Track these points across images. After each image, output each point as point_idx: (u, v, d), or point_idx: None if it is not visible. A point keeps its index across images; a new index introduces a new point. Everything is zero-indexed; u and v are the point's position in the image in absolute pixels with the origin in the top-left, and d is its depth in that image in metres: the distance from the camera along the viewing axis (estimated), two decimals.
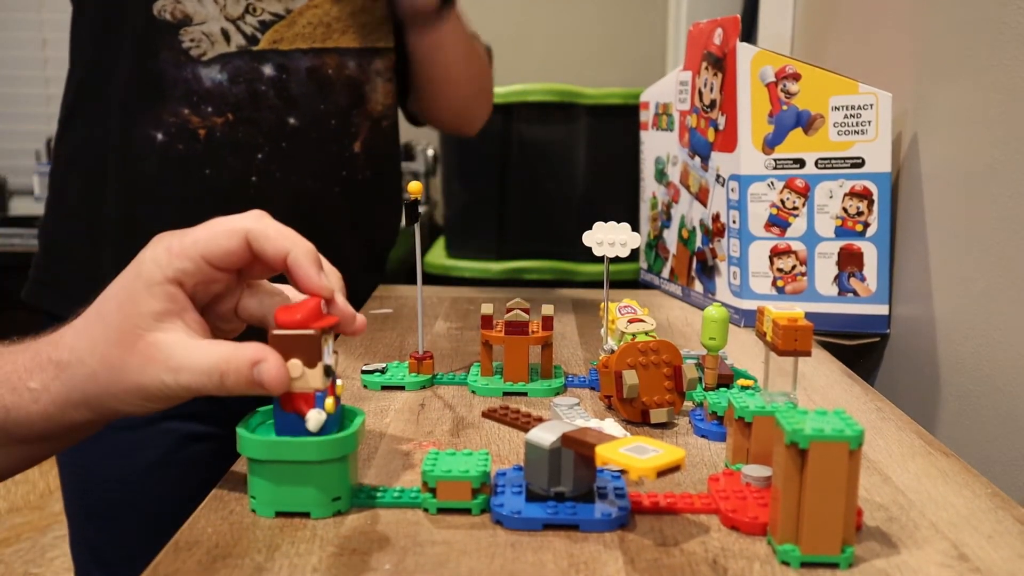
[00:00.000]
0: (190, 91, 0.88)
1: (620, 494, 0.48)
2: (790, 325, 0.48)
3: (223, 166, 0.89)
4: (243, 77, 0.89)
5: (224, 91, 0.88)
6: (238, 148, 0.89)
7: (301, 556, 0.43)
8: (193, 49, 0.87)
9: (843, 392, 0.71)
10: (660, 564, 0.42)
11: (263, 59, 0.89)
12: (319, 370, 0.46)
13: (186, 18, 0.87)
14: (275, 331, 0.46)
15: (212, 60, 0.88)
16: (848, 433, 0.40)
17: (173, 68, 0.87)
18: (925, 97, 0.84)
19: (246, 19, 0.88)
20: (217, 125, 0.88)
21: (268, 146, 0.90)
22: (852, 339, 0.89)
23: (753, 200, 0.90)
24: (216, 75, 0.88)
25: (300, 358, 0.46)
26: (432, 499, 0.47)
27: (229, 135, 0.89)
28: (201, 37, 0.87)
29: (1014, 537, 0.46)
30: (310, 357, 0.46)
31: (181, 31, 0.87)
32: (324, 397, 0.47)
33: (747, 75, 0.89)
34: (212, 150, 0.89)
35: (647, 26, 2.41)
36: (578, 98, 1.67)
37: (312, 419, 0.46)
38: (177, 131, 0.88)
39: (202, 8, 0.87)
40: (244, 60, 0.89)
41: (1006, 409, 0.67)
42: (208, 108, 0.88)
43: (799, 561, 0.41)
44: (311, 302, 0.47)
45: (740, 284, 0.92)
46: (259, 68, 0.89)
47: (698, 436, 0.60)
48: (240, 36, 0.88)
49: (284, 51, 0.90)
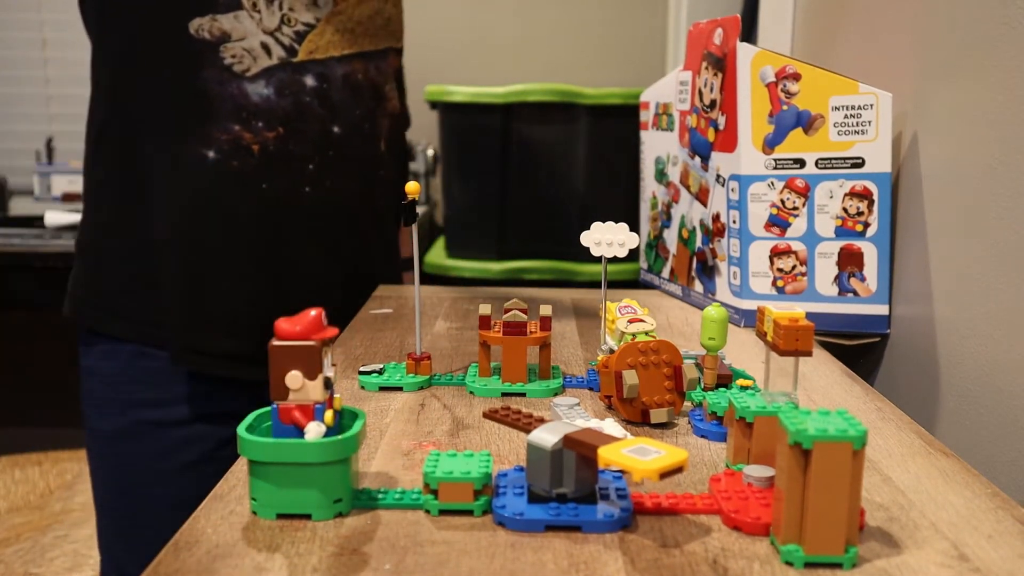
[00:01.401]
0: (238, 107, 0.89)
1: (622, 495, 0.48)
2: (791, 325, 0.48)
3: (278, 179, 0.91)
4: (288, 90, 0.90)
5: (272, 105, 0.90)
6: (291, 160, 0.91)
7: (301, 556, 0.43)
8: (236, 65, 0.88)
9: (843, 392, 0.71)
10: (660, 564, 0.42)
11: (304, 70, 0.91)
12: (319, 382, 0.46)
13: (224, 35, 0.87)
14: (275, 342, 0.46)
15: (257, 75, 0.89)
16: (852, 433, 0.40)
17: (217, 85, 0.88)
18: (925, 97, 0.84)
19: (283, 30, 0.89)
20: (269, 140, 0.89)
21: (317, 156, 0.93)
22: (852, 339, 0.89)
23: (753, 200, 0.90)
24: (263, 90, 0.89)
25: (300, 370, 0.46)
26: (434, 500, 0.47)
27: (281, 148, 0.91)
28: (243, 53, 0.88)
29: (1014, 537, 0.46)
30: (310, 369, 0.46)
31: (221, 48, 0.88)
32: (323, 410, 0.47)
33: (747, 75, 0.89)
34: (266, 164, 0.90)
35: (647, 26, 2.41)
36: (578, 98, 1.67)
37: (311, 432, 0.46)
38: (230, 148, 0.89)
39: (239, 24, 0.88)
40: (287, 72, 0.90)
41: (1006, 409, 0.67)
42: (259, 123, 0.89)
43: (803, 561, 0.41)
44: (311, 313, 0.47)
45: (740, 284, 0.92)
46: (301, 80, 0.91)
47: (698, 436, 0.60)
48: (280, 48, 0.89)
49: (321, 60, 0.92)
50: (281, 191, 0.91)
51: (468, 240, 1.76)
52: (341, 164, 0.95)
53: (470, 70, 2.38)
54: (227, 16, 0.87)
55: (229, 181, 0.89)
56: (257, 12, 0.87)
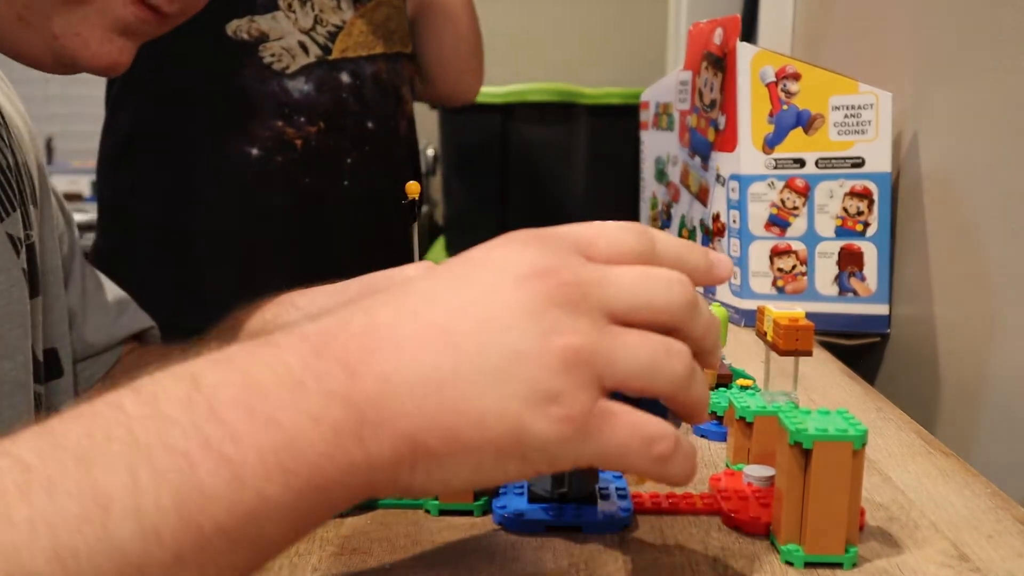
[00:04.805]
0: (280, 104, 0.90)
1: (622, 495, 0.48)
2: (791, 325, 0.48)
3: (320, 173, 0.93)
4: (327, 86, 0.92)
5: (313, 101, 0.91)
6: (331, 155, 0.93)
7: (301, 556, 0.43)
8: (276, 63, 0.90)
9: (843, 392, 0.71)
10: (660, 564, 0.42)
11: (339, 68, 0.93)
12: None
13: (263, 35, 0.89)
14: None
15: (297, 72, 0.90)
16: (852, 433, 0.40)
17: (258, 83, 0.89)
18: (925, 97, 0.84)
19: (317, 29, 0.91)
20: (312, 134, 0.91)
21: (355, 151, 0.95)
22: (852, 339, 0.89)
23: (753, 200, 0.90)
24: (303, 86, 0.91)
25: None
26: (434, 501, 0.47)
27: (323, 143, 0.93)
28: (281, 52, 0.90)
29: (1014, 537, 0.46)
30: None
31: (260, 48, 0.89)
32: None
33: (747, 75, 0.89)
34: (309, 159, 0.92)
35: (647, 26, 2.41)
36: (578, 98, 1.67)
37: None
38: (273, 144, 0.90)
39: (277, 24, 0.89)
40: (324, 69, 0.92)
41: (1006, 409, 0.67)
42: (301, 119, 0.91)
43: (803, 561, 0.41)
44: None
45: (740, 284, 0.92)
46: (337, 76, 0.93)
47: (697, 436, 0.60)
48: (316, 47, 0.91)
49: (352, 58, 0.94)
50: (323, 185, 0.93)
51: (468, 240, 1.75)
52: (374, 159, 0.97)
53: None
54: (265, 17, 0.89)
55: (273, 177, 0.91)
56: (293, 12, 0.89)
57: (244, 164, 0.90)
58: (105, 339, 0.68)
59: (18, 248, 0.56)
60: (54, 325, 0.63)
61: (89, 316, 0.68)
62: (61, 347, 0.63)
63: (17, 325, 0.55)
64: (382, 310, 0.32)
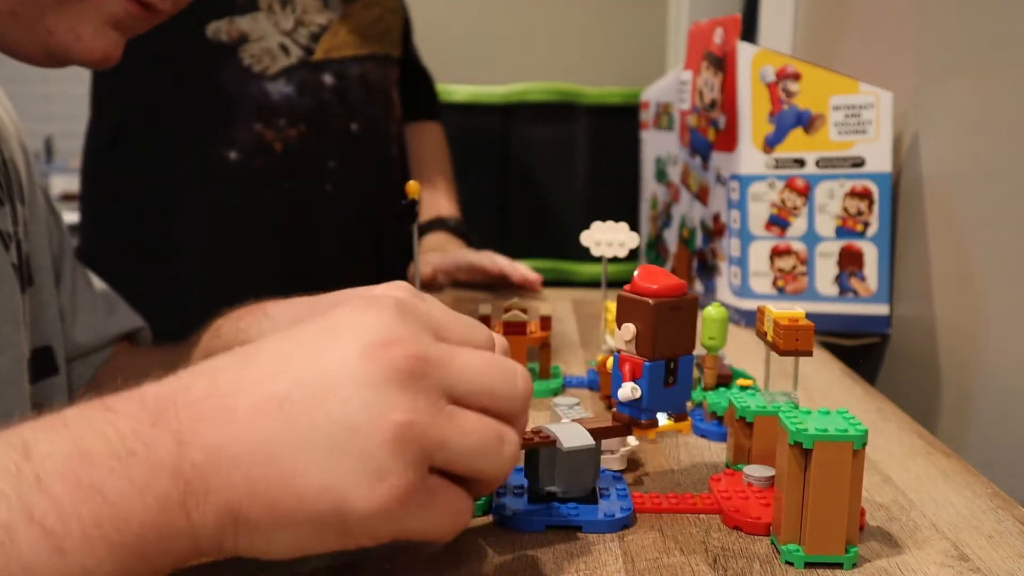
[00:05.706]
0: (259, 106, 0.89)
1: (622, 495, 0.48)
2: (792, 325, 0.48)
3: (300, 177, 0.91)
4: (308, 88, 0.91)
5: (293, 103, 0.90)
6: (312, 158, 0.92)
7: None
8: (255, 65, 0.89)
9: (844, 392, 0.71)
10: (660, 564, 0.42)
11: (321, 69, 0.92)
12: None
13: (243, 36, 0.88)
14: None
15: (277, 74, 0.89)
16: (852, 433, 0.40)
17: (237, 86, 0.89)
18: (926, 97, 0.84)
19: (299, 30, 0.90)
20: (292, 137, 0.90)
21: (337, 154, 0.94)
22: (853, 339, 0.89)
23: (753, 200, 0.90)
24: (283, 88, 0.90)
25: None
26: None
27: (303, 146, 0.91)
28: (261, 53, 0.88)
29: (1014, 537, 0.46)
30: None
31: (240, 50, 0.88)
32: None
33: (747, 75, 0.89)
34: (289, 162, 0.91)
35: (647, 26, 2.41)
36: (578, 98, 1.67)
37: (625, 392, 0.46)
38: (252, 147, 0.90)
39: (257, 25, 0.89)
40: (306, 71, 0.91)
41: (1006, 409, 0.67)
42: (280, 121, 0.90)
43: (803, 561, 0.41)
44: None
45: (740, 284, 0.92)
46: (320, 78, 0.92)
47: (697, 436, 0.60)
48: (297, 48, 0.90)
49: (336, 59, 0.93)
50: (304, 189, 0.92)
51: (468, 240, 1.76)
52: (359, 162, 0.96)
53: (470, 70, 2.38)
54: (245, 17, 0.88)
55: (251, 180, 0.90)
56: (273, 13, 0.88)
57: (222, 168, 0.89)
58: (94, 339, 0.68)
59: (7, 243, 0.56)
60: (48, 323, 0.62)
61: (79, 316, 0.67)
62: (55, 345, 0.63)
63: (8, 320, 0.55)
64: (225, 377, 0.33)
